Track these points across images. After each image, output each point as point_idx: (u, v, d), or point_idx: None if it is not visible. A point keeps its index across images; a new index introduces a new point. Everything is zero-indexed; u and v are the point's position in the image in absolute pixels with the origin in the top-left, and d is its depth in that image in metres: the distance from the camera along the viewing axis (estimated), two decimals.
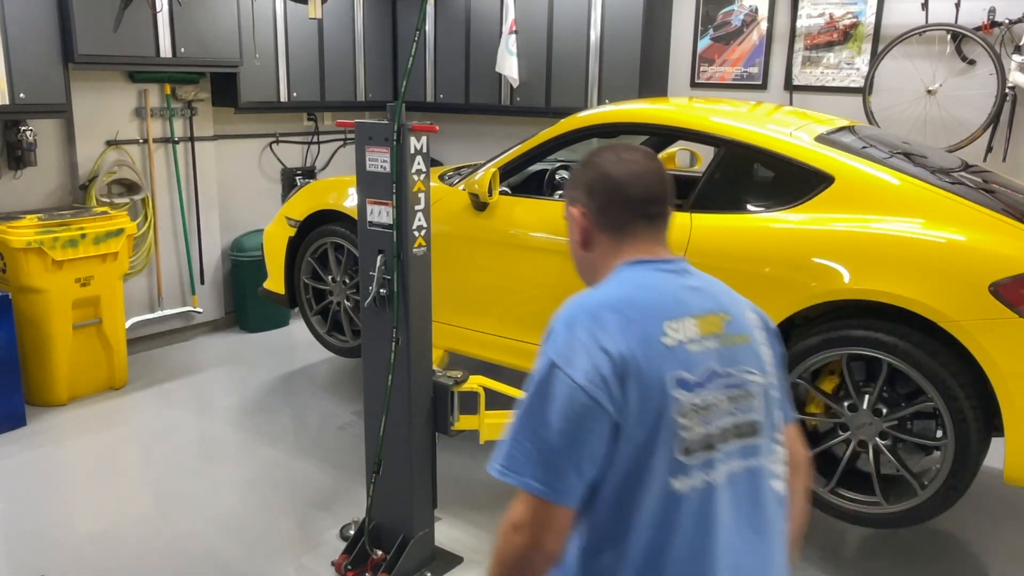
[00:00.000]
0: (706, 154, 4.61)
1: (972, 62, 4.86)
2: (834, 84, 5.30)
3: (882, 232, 2.92)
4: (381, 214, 2.85)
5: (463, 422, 3.16)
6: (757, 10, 5.50)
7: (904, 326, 2.84)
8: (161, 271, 5.55)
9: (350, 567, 3.04)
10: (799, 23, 5.36)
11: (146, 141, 5.36)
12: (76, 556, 3.20)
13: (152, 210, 5.41)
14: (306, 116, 6.44)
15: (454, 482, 3.77)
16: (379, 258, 2.87)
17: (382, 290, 2.88)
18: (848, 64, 5.23)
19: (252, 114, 5.93)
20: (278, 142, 6.26)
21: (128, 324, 5.20)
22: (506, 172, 3.89)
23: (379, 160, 2.81)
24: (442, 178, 4.22)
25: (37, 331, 4.49)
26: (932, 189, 2.99)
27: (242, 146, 6.08)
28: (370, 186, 2.86)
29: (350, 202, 4.24)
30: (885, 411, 2.96)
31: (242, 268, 5.91)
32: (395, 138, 2.74)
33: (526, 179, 4.20)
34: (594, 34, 5.70)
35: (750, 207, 3.28)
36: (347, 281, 4.39)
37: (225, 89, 5.64)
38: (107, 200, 5.09)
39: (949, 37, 4.86)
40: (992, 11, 4.71)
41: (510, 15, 5.97)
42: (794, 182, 3.20)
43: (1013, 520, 3.64)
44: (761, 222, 3.16)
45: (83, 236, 4.53)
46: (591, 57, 5.74)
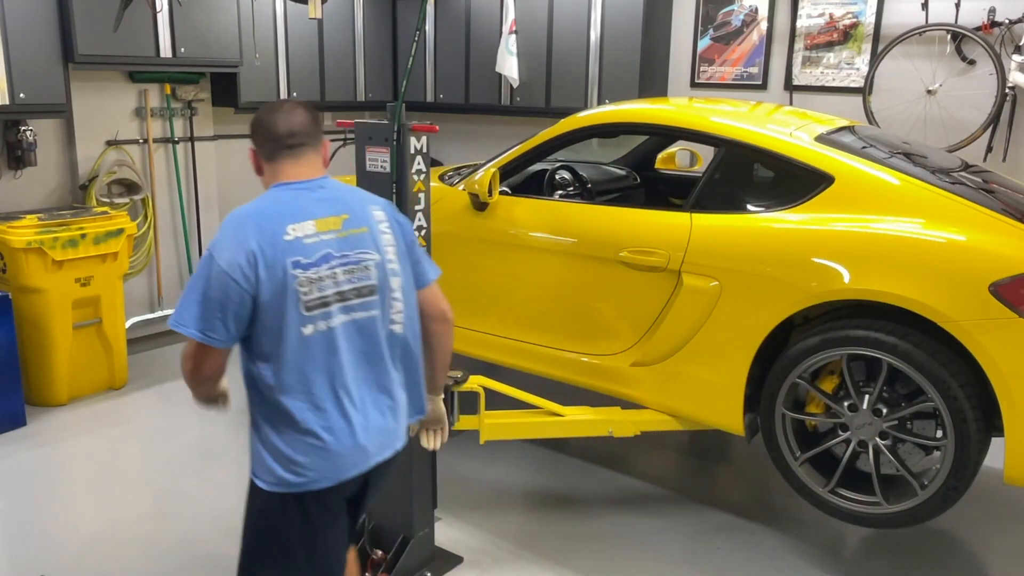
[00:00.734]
0: (706, 154, 4.61)
1: (972, 62, 4.86)
2: (834, 84, 5.30)
3: (882, 232, 2.92)
4: None
5: (463, 422, 3.17)
6: (757, 10, 5.50)
7: (904, 326, 2.84)
8: (161, 271, 5.55)
9: None
10: (799, 23, 5.36)
11: (146, 141, 5.36)
12: (76, 556, 3.20)
13: (152, 210, 5.41)
14: None
15: (454, 482, 3.77)
16: None
17: None
18: (848, 64, 5.23)
19: (252, 114, 5.91)
20: None
21: (128, 324, 5.20)
22: (506, 172, 3.89)
23: (379, 160, 2.81)
24: (442, 178, 4.22)
25: (37, 331, 4.49)
26: (932, 189, 2.99)
27: (242, 146, 6.06)
28: (370, 186, 2.86)
29: None
30: (885, 411, 2.95)
31: None
32: (395, 138, 2.74)
33: (526, 179, 4.20)
34: (594, 34, 5.70)
35: (750, 207, 3.28)
36: None
37: (225, 89, 5.64)
38: (107, 200, 5.09)
39: (949, 37, 4.86)
40: (992, 11, 4.71)
41: (510, 15, 5.97)
42: (794, 182, 3.20)
43: (1013, 520, 3.64)
44: (761, 222, 3.16)
45: (83, 236, 4.53)
46: (591, 57, 5.74)
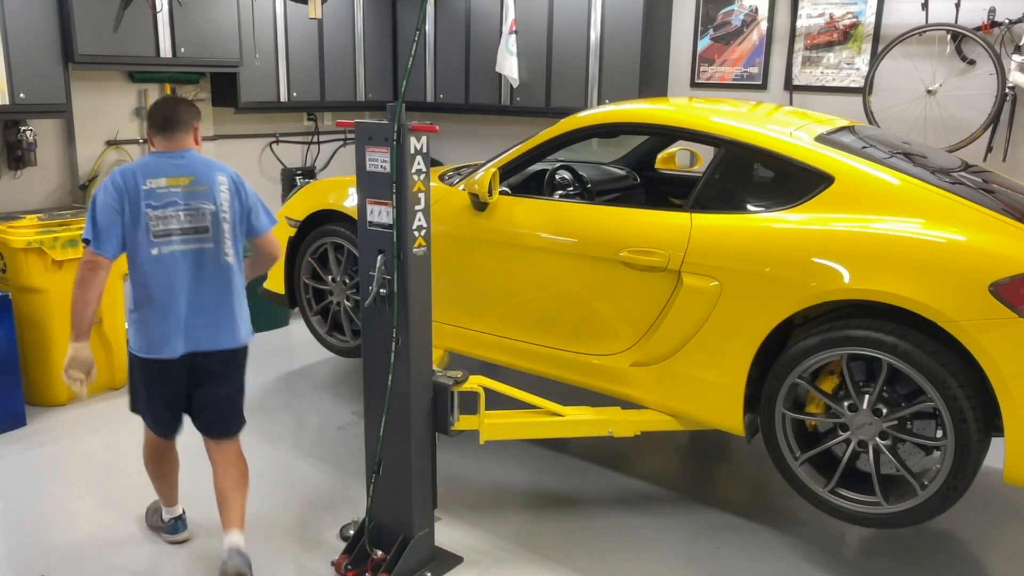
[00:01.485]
0: (706, 154, 4.61)
1: (972, 62, 4.86)
2: (834, 84, 5.30)
3: (882, 232, 2.92)
4: (381, 214, 2.85)
5: (463, 422, 3.17)
6: (757, 10, 5.50)
7: (904, 326, 2.84)
8: None
9: (350, 567, 3.04)
10: (799, 23, 5.36)
11: (146, 141, 5.36)
12: (76, 556, 3.20)
13: None
14: (306, 116, 6.45)
15: (454, 482, 3.77)
16: (379, 258, 2.87)
17: (382, 290, 2.88)
18: (848, 64, 5.23)
19: (252, 114, 5.94)
20: (278, 142, 6.27)
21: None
22: (506, 172, 3.89)
23: (379, 160, 2.81)
24: (442, 178, 4.22)
25: (37, 331, 4.49)
26: (932, 189, 2.99)
27: (242, 146, 6.08)
28: (370, 186, 2.86)
29: (350, 202, 4.24)
30: (885, 411, 2.96)
31: None
32: (395, 138, 2.74)
33: (526, 179, 4.20)
34: (594, 34, 5.71)
35: (750, 207, 3.28)
36: (347, 281, 4.39)
37: (225, 89, 5.64)
38: None
39: (949, 37, 4.86)
40: (992, 11, 4.71)
41: (510, 15, 5.97)
42: (794, 182, 3.20)
43: (1013, 520, 3.65)
44: (761, 222, 3.16)
45: None
46: (591, 57, 5.74)
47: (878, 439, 2.97)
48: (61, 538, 3.32)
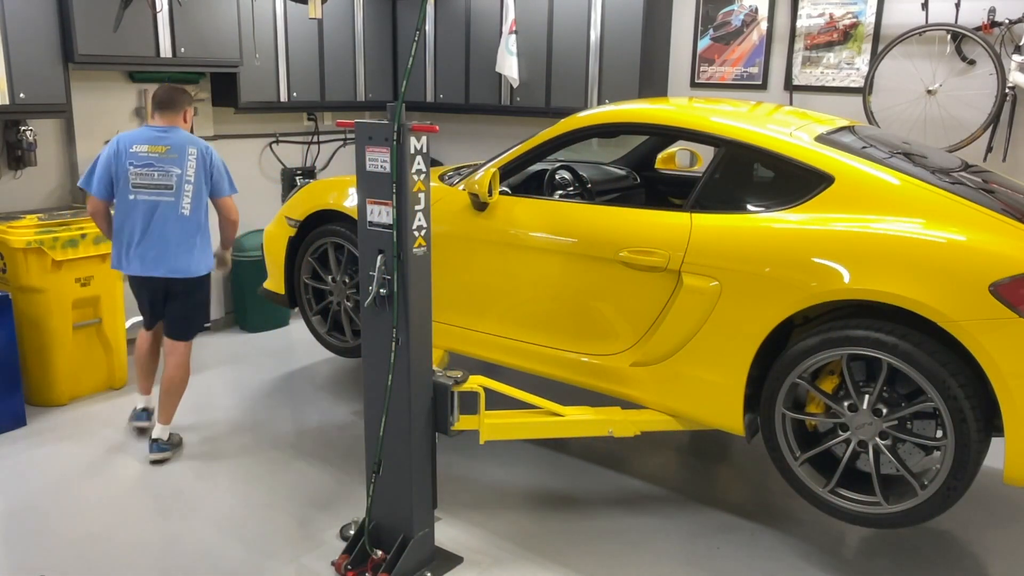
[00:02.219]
0: (706, 154, 4.61)
1: (972, 62, 4.86)
2: (834, 84, 5.30)
3: (882, 232, 2.92)
4: (381, 214, 2.85)
5: (463, 422, 3.17)
6: (757, 10, 5.50)
7: (904, 326, 2.84)
8: None
9: (350, 567, 3.04)
10: (799, 23, 5.36)
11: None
12: (76, 556, 3.20)
13: None
14: (306, 116, 6.45)
15: (454, 482, 3.77)
16: (379, 258, 2.87)
17: (382, 290, 2.88)
18: (848, 64, 5.23)
19: (252, 114, 5.93)
20: (278, 142, 6.26)
21: (128, 324, 5.20)
22: (506, 172, 3.89)
23: (379, 160, 2.81)
24: (442, 178, 4.22)
25: (37, 331, 4.49)
26: (932, 189, 2.99)
27: (242, 146, 6.07)
28: (370, 186, 2.86)
29: (350, 202, 4.24)
30: (885, 411, 2.96)
31: (242, 268, 5.91)
32: (395, 138, 2.74)
33: (526, 179, 4.20)
34: (594, 34, 5.70)
35: (750, 207, 3.28)
36: (347, 281, 4.39)
37: (225, 89, 5.64)
38: None
39: (949, 37, 4.86)
40: (992, 11, 4.71)
41: (510, 15, 5.97)
42: (794, 182, 3.20)
43: (1013, 520, 3.65)
44: (761, 222, 3.16)
45: (83, 236, 4.53)
46: (591, 57, 5.74)
47: (878, 439, 2.97)
48: (61, 538, 3.32)
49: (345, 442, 4.20)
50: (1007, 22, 4.67)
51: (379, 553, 3.06)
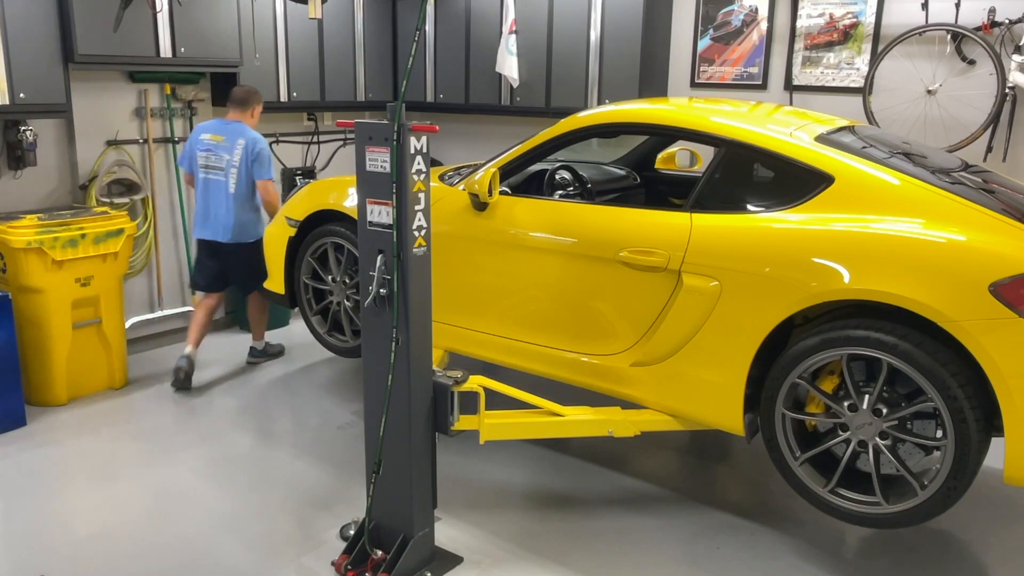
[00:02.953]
0: (706, 154, 4.61)
1: (972, 62, 4.86)
2: (834, 84, 5.30)
3: (882, 232, 2.92)
4: (381, 214, 2.85)
5: (463, 422, 3.17)
6: (757, 10, 5.50)
7: (904, 326, 2.84)
8: (161, 271, 5.55)
9: (350, 567, 3.04)
10: (799, 23, 5.36)
11: (146, 141, 5.36)
12: (76, 556, 3.20)
13: (152, 210, 5.42)
14: (306, 116, 6.45)
15: (454, 482, 3.77)
16: (379, 258, 2.87)
17: (382, 290, 2.88)
18: (848, 64, 5.23)
19: None
20: (278, 142, 6.26)
21: (128, 324, 5.20)
22: (506, 172, 3.89)
23: (379, 160, 2.81)
24: (442, 178, 4.22)
25: (37, 331, 4.49)
26: (932, 189, 2.99)
27: None
28: (370, 186, 2.86)
29: (350, 202, 4.24)
30: (885, 411, 2.96)
31: None
32: (395, 138, 2.74)
33: (526, 179, 4.20)
34: (594, 34, 5.70)
35: (750, 207, 3.28)
36: (347, 281, 4.39)
37: (225, 89, 5.62)
38: (107, 200, 5.09)
39: (949, 37, 4.86)
40: (992, 11, 4.71)
41: (510, 15, 5.97)
42: (794, 182, 3.20)
43: (1013, 520, 3.65)
44: (761, 222, 3.16)
45: (83, 236, 4.53)
46: (591, 57, 5.74)
47: (878, 439, 2.97)
48: (61, 538, 3.32)
49: (345, 442, 4.20)
50: (1007, 22, 4.67)
51: (379, 553, 3.06)
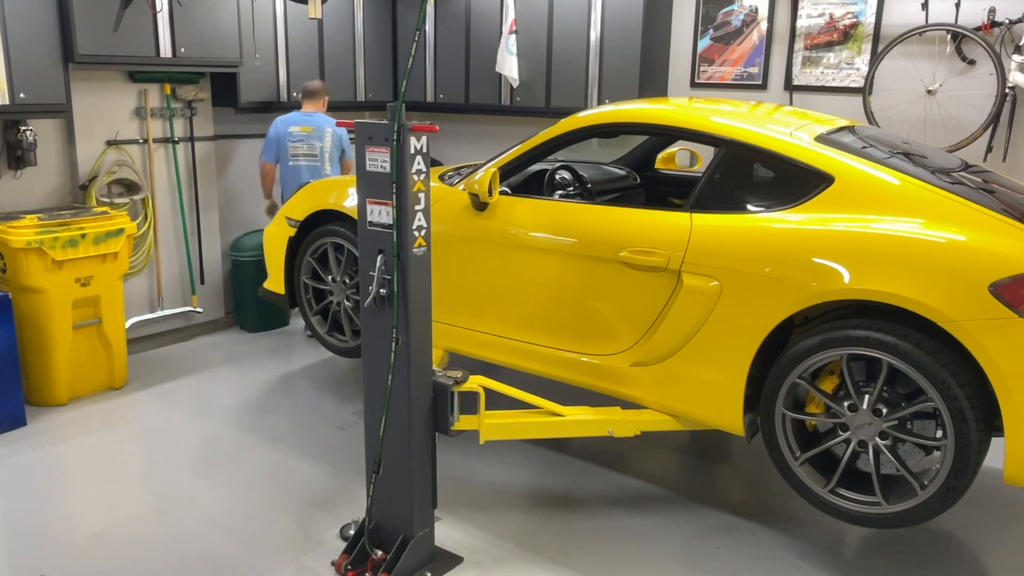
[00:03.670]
0: (706, 154, 4.61)
1: (972, 62, 4.86)
2: (834, 84, 5.30)
3: (882, 232, 2.92)
4: (381, 214, 2.85)
5: (463, 422, 3.17)
6: (757, 10, 5.50)
7: (904, 326, 2.85)
8: (161, 271, 5.55)
9: (350, 567, 3.04)
10: (799, 23, 5.36)
11: (146, 141, 5.36)
12: (76, 556, 3.20)
13: (152, 210, 5.42)
14: None
15: (454, 482, 3.77)
16: (379, 258, 2.87)
17: (382, 290, 2.88)
18: (848, 64, 5.23)
19: (252, 114, 5.93)
20: None
21: (128, 324, 5.20)
22: (506, 172, 3.89)
23: (379, 160, 2.81)
24: (442, 178, 4.22)
25: (37, 331, 4.49)
26: (932, 189, 2.99)
27: (242, 146, 6.08)
28: (370, 186, 2.86)
29: (350, 202, 4.24)
30: (885, 411, 2.96)
31: (242, 268, 5.91)
32: (395, 138, 2.74)
33: (526, 179, 4.20)
34: (594, 34, 5.70)
35: (750, 207, 3.28)
36: (347, 281, 4.39)
37: (225, 89, 5.64)
38: (107, 200, 5.09)
39: (949, 37, 4.86)
40: (992, 11, 4.71)
41: (510, 15, 5.97)
42: (794, 182, 3.20)
43: (1013, 520, 3.65)
44: (761, 222, 3.16)
45: (83, 236, 4.53)
46: (591, 57, 5.74)
47: (878, 439, 2.97)
48: (61, 538, 3.32)
49: (345, 442, 4.20)
50: (1007, 22, 4.67)
51: (379, 553, 3.06)
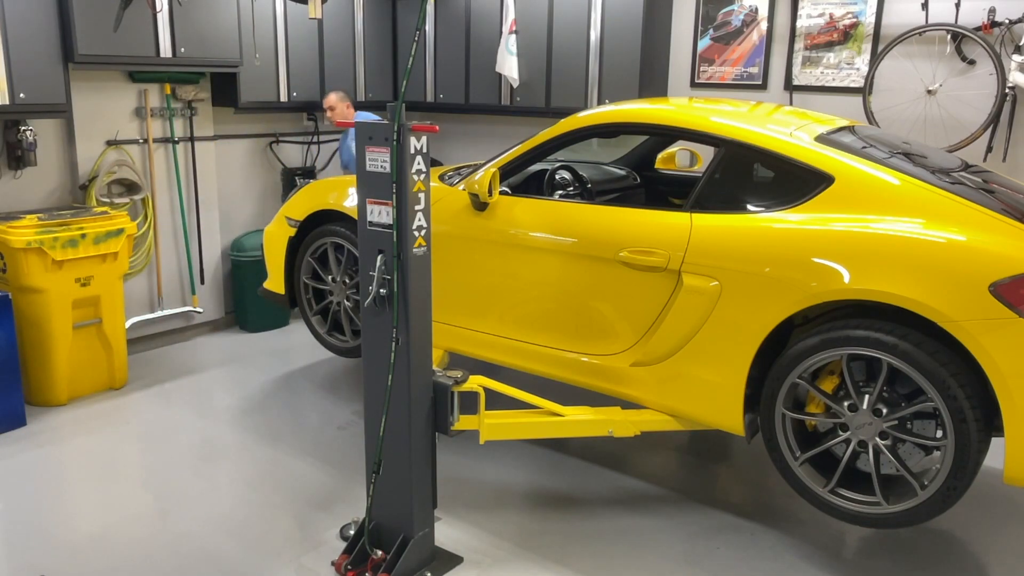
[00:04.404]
0: (706, 154, 4.61)
1: (972, 62, 4.86)
2: (834, 84, 5.30)
3: (882, 232, 2.92)
4: (381, 214, 2.85)
5: (463, 422, 3.17)
6: (757, 10, 5.50)
7: (904, 326, 2.85)
8: (161, 271, 5.55)
9: (350, 567, 3.04)
10: (799, 23, 5.36)
11: (146, 141, 5.36)
12: (76, 556, 3.20)
13: (152, 210, 5.42)
14: (306, 116, 6.44)
15: (454, 482, 3.77)
16: (379, 258, 2.87)
17: (382, 290, 2.88)
18: (848, 64, 5.23)
19: (252, 114, 5.94)
20: (278, 142, 6.26)
21: (128, 324, 5.20)
22: (506, 172, 3.89)
23: (379, 160, 2.81)
24: (442, 178, 4.22)
25: (37, 331, 4.49)
26: (932, 189, 2.99)
27: (242, 146, 6.08)
28: (370, 186, 2.86)
29: (350, 202, 4.24)
30: (885, 411, 2.96)
31: (242, 268, 5.91)
32: (395, 138, 2.74)
33: (526, 179, 4.20)
34: (594, 34, 5.70)
35: (750, 207, 3.28)
36: (347, 281, 4.39)
37: (225, 89, 5.64)
38: (107, 200, 5.09)
39: (949, 37, 4.86)
40: (992, 11, 4.71)
41: (510, 15, 5.97)
42: (794, 182, 3.20)
43: (1013, 520, 3.65)
44: (761, 222, 3.16)
45: (83, 236, 4.53)
46: (591, 57, 5.74)
47: (878, 439, 2.97)
48: (61, 538, 3.32)
49: (345, 442, 4.20)
50: (1007, 22, 4.67)
51: (379, 553, 3.06)
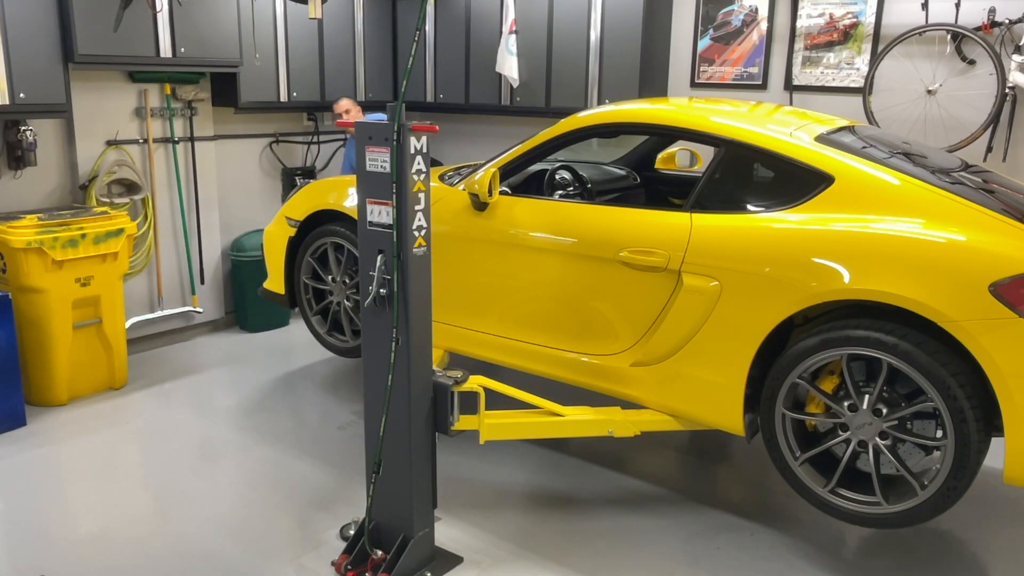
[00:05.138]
0: (706, 154, 4.61)
1: (972, 62, 4.86)
2: (834, 84, 5.30)
3: (882, 232, 2.92)
4: (381, 214, 2.85)
5: (463, 422, 3.17)
6: (757, 10, 5.50)
7: (904, 326, 2.85)
8: (161, 271, 5.55)
9: (350, 567, 3.04)
10: (799, 23, 5.36)
11: (146, 141, 5.36)
12: (76, 556, 3.20)
13: (152, 210, 5.42)
14: (306, 116, 6.45)
15: (454, 482, 3.77)
16: (379, 258, 2.87)
17: (382, 290, 2.88)
18: (848, 64, 5.23)
19: (252, 114, 5.94)
20: (278, 142, 6.26)
21: (128, 324, 5.21)
22: (506, 172, 3.89)
23: (379, 160, 2.82)
24: (442, 178, 4.22)
25: (37, 331, 4.49)
26: (932, 189, 2.99)
27: (242, 146, 6.08)
28: (370, 186, 2.86)
29: (350, 202, 4.24)
30: (885, 411, 2.96)
31: (242, 268, 5.91)
32: (395, 138, 2.74)
33: (526, 179, 4.20)
34: (594, 34, 5.70)
35: (750, 207, 3.29)
36: (347, 281, 4.39)
37: (225, 89, 5.64)
38: (107, 200, 5.09)
39: (949, 37, 4.86)
40: (992, 11, 4.71)
41: (510, 15, 5.97)
42: (794, 182, 3.20)
43: (1013, 520, 3.65)
44: (761, 222, 3.16)
45: (83, 236, 4.53)
46: (591, 57, 5.74)
47: (878, 439, 2.97)
48: (61, 537, 3.32)
49: (345, 442, 4.20)
50: (1007, 22, 4.67)
51: (379, 553, 3.06)
